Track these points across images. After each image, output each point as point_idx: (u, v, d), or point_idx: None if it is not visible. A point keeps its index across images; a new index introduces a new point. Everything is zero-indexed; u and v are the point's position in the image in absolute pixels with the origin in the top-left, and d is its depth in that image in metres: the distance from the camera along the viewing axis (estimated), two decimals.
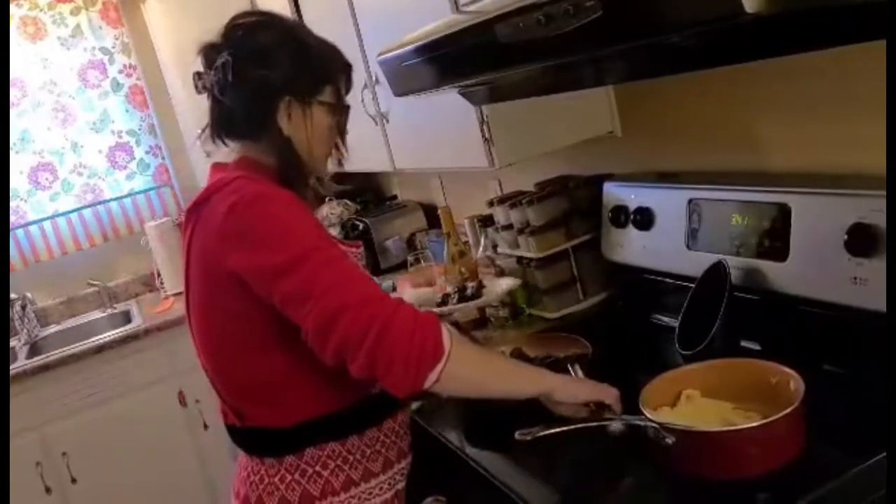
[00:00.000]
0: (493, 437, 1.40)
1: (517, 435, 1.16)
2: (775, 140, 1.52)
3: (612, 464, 1.19)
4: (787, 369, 1.14)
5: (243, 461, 1.34)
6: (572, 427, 1.17)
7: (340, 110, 1.31)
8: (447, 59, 1.31)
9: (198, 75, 1.27)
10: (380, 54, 1.53)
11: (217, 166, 1.32)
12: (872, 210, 1.19)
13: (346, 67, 1.32)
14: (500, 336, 1.93)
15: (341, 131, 1.32)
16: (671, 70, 1.31)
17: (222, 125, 1.29)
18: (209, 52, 1.26)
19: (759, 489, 1.06)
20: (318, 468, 1.26)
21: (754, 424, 1.07)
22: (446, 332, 1.13)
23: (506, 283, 1.92)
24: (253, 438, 1.31)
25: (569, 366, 1.40)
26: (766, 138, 1.54)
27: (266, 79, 1.23)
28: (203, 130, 1.33)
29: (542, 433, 1.15)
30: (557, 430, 1.16)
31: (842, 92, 1.34)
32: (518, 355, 1.64)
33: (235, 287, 1.18)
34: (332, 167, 1.44)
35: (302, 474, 1.26)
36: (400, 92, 1.56)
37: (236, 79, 1.22)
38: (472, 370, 1.19)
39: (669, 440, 1.08)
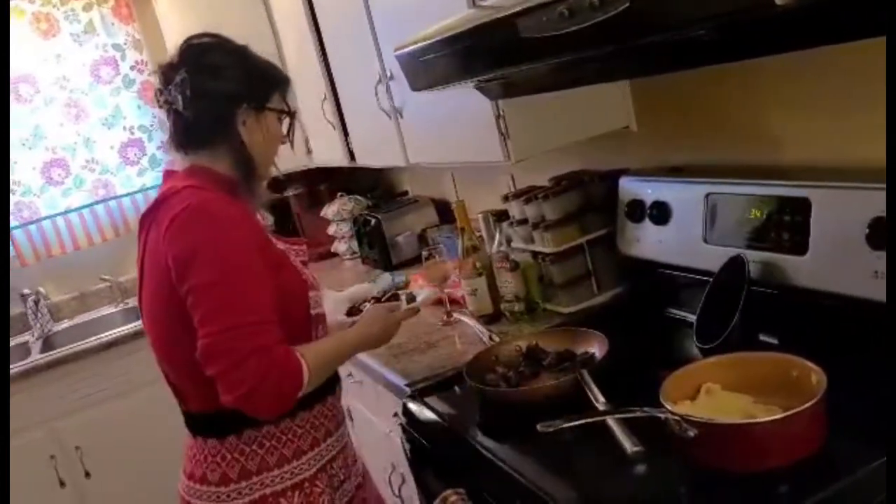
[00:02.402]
0: (512, 429, 1.41)
1: (539, 427, 1.16)
2: (793, 133, 1.52)
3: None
4: (808, 363, 1.15)
5: (188, 441, 1.48)
6: (594, 420, 1.17)
7: (289, 115, 1.47)
8: (468, 54, 1.31)
9: (159, 92, 1.40)
10: (397, 49, 1.53)
11: (168, 173, 1.47)
12: None
13: (286, 79, 1.48)
14: (516, 331, 1.93)
15: (290, 134, 1.50)
16: (693, 64, 1.31)
17: (184, 136, 1.41)
18: (167, 71, 1.39)
19: (780, 482, 1.06)
20: (254, 447, 1.39)
21: (776, 417, 1.07)
22: (305, 368, 1.30)
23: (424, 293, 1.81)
24: (195, 421, 1.44)
25: (579, 373, 1.41)
26: (784, 132, 1.54)
27: (223, 90, 1.37)
28: (163, 142, 1.47)
29: (564, 426, 1.16)
30: (579, 422, 1.16)
31: (861, 85, 1.34)
32: (534, 350, 1.64)
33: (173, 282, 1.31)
34: (273, 172, 1.55)
35: (241, 453, 1.39)
36: (418, 87, 1.56)
37: (194, 93, 1.35)
38: (324, 372, 1.39)
39: (691, 433, 1.09)
